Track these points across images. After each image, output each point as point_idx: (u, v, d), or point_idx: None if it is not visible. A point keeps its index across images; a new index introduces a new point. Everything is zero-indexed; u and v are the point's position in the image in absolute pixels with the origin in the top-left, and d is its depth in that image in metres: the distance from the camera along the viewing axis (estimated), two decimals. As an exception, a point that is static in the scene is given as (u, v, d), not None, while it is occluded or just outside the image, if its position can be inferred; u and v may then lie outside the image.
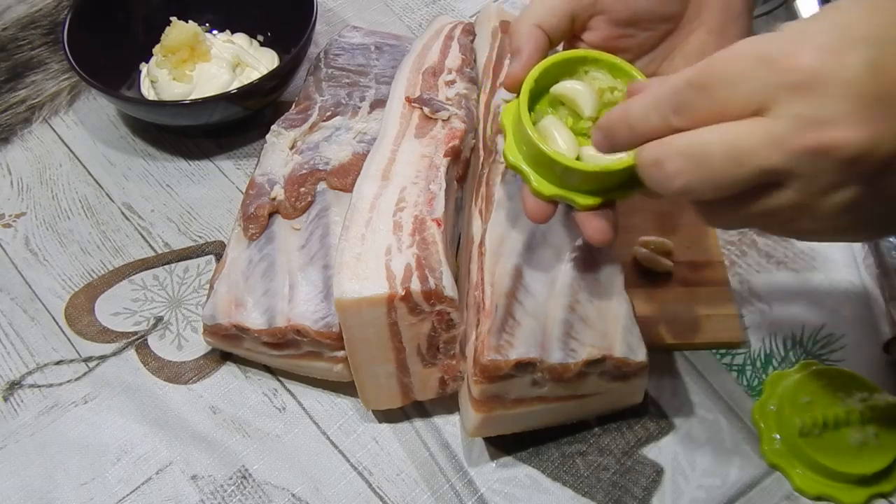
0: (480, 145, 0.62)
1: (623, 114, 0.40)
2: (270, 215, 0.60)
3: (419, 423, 0.58)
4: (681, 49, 0.52)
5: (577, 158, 0.46)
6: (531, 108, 0.47)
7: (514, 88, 0.48)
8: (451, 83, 0.65)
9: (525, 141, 0.46)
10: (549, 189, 0.46)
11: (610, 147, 0.42)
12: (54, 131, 0.75)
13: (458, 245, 0.60)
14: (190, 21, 0.74)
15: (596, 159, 0.45)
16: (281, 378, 0.60)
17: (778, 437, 0.55)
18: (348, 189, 0.59)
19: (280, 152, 0.64)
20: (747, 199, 0.37)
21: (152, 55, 0.74)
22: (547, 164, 0.45)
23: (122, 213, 0.69)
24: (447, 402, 0.57)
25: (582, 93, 0.47)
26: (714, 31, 0.51)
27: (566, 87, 0.48)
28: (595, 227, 0.46)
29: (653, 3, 0.50)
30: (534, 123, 0.46)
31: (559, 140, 0.46)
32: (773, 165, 0.35)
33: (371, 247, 0.54)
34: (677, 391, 0.59)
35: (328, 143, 0.63)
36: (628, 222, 0.63)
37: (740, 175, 0.35)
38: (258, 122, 0.73)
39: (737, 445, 0.56)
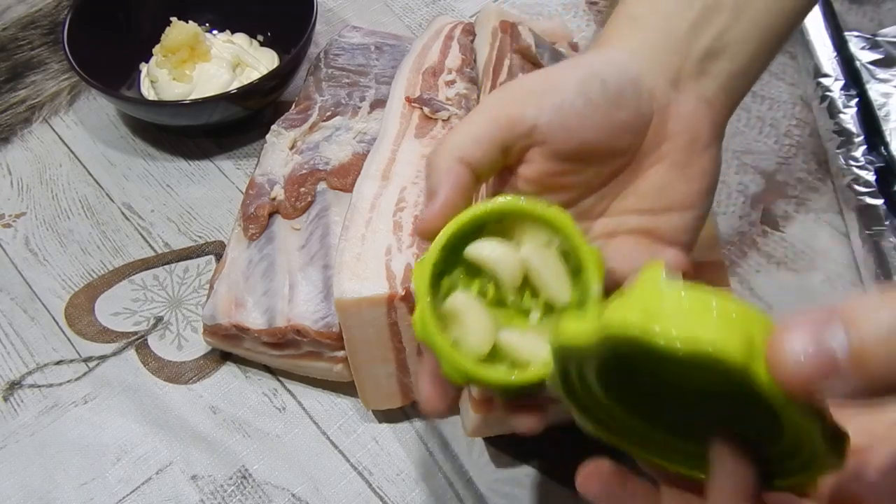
0: (480, 145, 0.62)
1: None
2: (270, 215, 0.60)
3: (419, 423, 0.58)
4: (635, 187, 0.43)
5: (494, 346, 0.38)
6: (447, 271, 0.39)
7: (429, 237, 0.39)
8: (451, 83, 0.65)
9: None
10: (462, 373, 0.37)
11: None
12: (54, 131, 0.75)
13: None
14: (190, 21, 0.74)
15: (518, 346, 0.38)
16: (281, 378, 0.60)
17: None
18: (348, 189, 0.59)
19: (280, 152, 0.64)
20: None
21: (152, 55, 0.74)
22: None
23: (122, 213, 0.69)
24: (447, 402, 0.57)
25: (500, 260, 0.38)
26: (677, 165, 0.42)
27: (480, 252, 0.38)
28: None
29: (602, 135, 0.41)
30: (448, 293, 0.38)
31: (470, 327, 0.38)
32: None
33: (371, 247, 0.54)
34: (677, 391, 0.58)
35: (328, 143, 0.63)
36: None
37: None
38: (258, 122, 0.73)
39: (737, 445, 0.56)
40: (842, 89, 0.69)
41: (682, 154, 0.42)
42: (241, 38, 0.77)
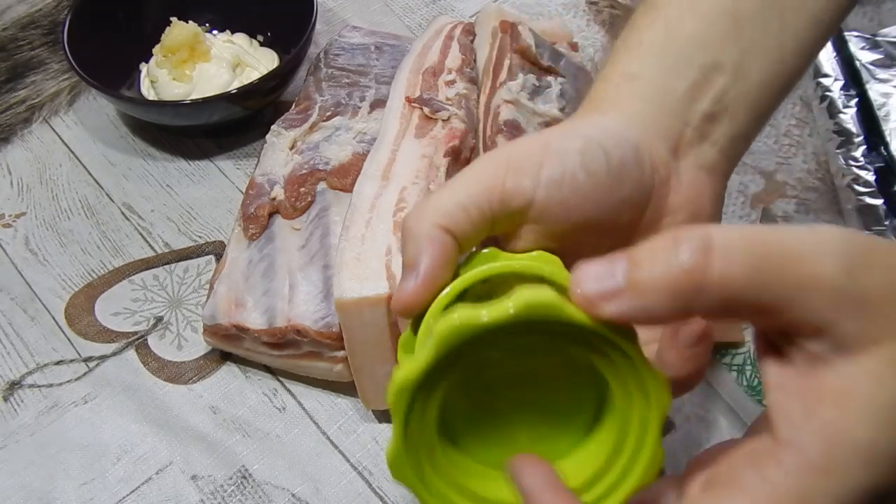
0: (480, 145, 0.62)
1: None
2: (270, 215, 0.60)
3: (419, 423, 0.58)
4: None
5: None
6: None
7: (409, 315, 0.36)
8: (451, 83, 0.65)
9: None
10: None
11: None
12: (54, 131, 0.75)
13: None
14: (190, 21, 0.74)
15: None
16: (281, 378, 0.60)
17: None
18: (348, 189, 0.59)
19: (280, 152, 0.64)
20: None
21: (152, 55, 0.74)
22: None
23: (122, 213, 0.69)
24: (447, 402, 0.57)
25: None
26: None
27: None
28: None
29: (603, 212, 0.38)
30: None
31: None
32: None
33: (371, 247, 0.54)
34: (677, 391, 0.58)
35: (328, 143, 0.63)
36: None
37: None
38: (258, 122, 0.73)
39: (737, 445, 0.56)
40: (842, 89, 0.69)
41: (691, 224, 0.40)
42: (241, 38, 0.77)
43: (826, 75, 0.70)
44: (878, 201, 0.63)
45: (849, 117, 0.68)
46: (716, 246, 0.28)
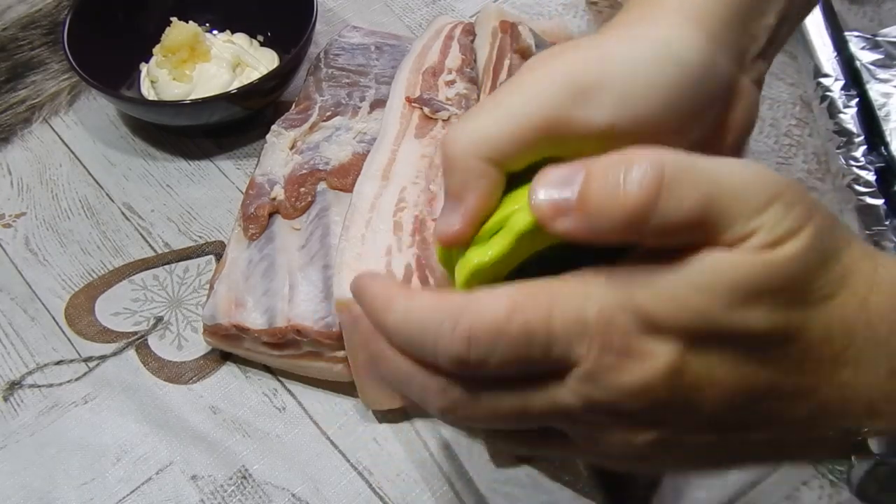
0: (480, 145, 0.62)
1: None
2: (270, 215, 0.60)
3: (419, 423, 0.58)
4: None
5: None
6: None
7: (456, 245, 0.34)
8: (451, 83, 0.65)
9: None
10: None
11: None
12: (54, 131, 0.75)
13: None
14: (190, 21, 0.74)
15: None
16: (281, 378, 0.60)
17: None
18: (348, 189, 0.59)
19: (280, 152, 0.64)
20: None
21: (152, 55, 0.74)
22: None
23: (122, 213, 0.69)
24: (447, 402, 0.57)
25: None
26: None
27: None
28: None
29: (672, 130, 0.34)
30: None
31: None
32: None
33: (371, 247, 0.54)
34: (677, 391, 0.58)
35: (328, 143, 0.63)
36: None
37: None
38: (258, 122, 0.73)
39: (737, 445, 0.56)
40: (842, 89, 0.69)
41: (737, 145, 0.38)
42: (241, 38, 0.77)
43: (826, 75, 0.70)
44: (879, 201, 0.63)
45: (849, 117, 0.68)
46: (667, 177, 0.27)
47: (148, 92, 0.74)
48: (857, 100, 0.68)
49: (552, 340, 0.28)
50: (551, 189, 0.29)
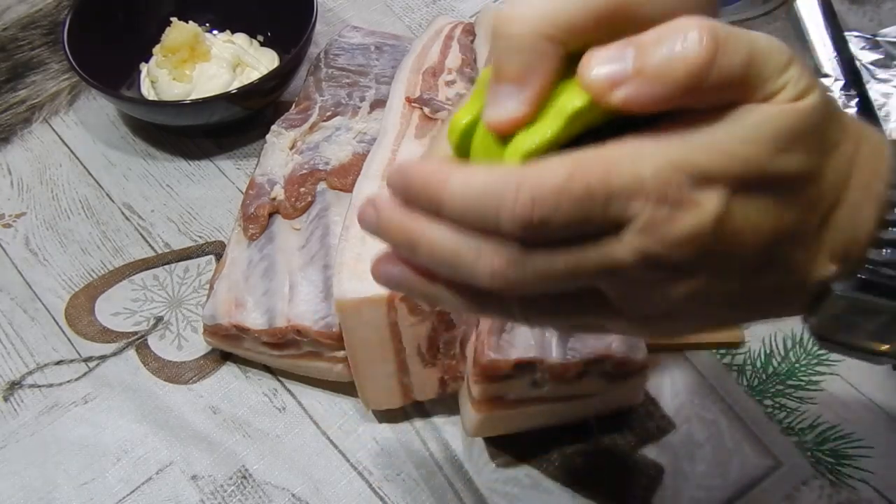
0: (480, 145, 0.62)
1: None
2: (270, 215, 0.60)
3: (419, 423, 0.58)
4: None
5: None
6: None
7: (502, 133, 0.32)
8: (451, 83, 0.65)
9: None
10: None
11: None
12: (54, 131, 0.75)
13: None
14: (190, 21, 0.74)
15: None
16: (281, 378, 0.60)
17: None
18: (348, 189, 0.59)
19: (280, 152, 0.64)
20: None
21: (152, 55, 0.74)
22: None
23: (122, 213, 0.69)
24: (447, 402, 0.57)
25: None
26: None
27: None
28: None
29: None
30: None
31: None
32: None
33: (371, 247, 0.53)
34: (677, 391, 0.58)
35: (328, 143, 0.63)
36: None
37: None
38: (258, 122, 0.73)
39: (737, 445, 0.56)
40: (842, 89, 0.69)
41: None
42: (241, 38, 0.77)
43: (826, 75, 0.70)
44: None
45: (849, 117, 0.68)
46: (720, 38, 0.29)
47: (148, 92, 0.74)
48: (857, 100, 0.68)
49: (611, 198, 0.29)
50: (604, 64, 0.30)
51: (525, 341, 0.50)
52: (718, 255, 0.31)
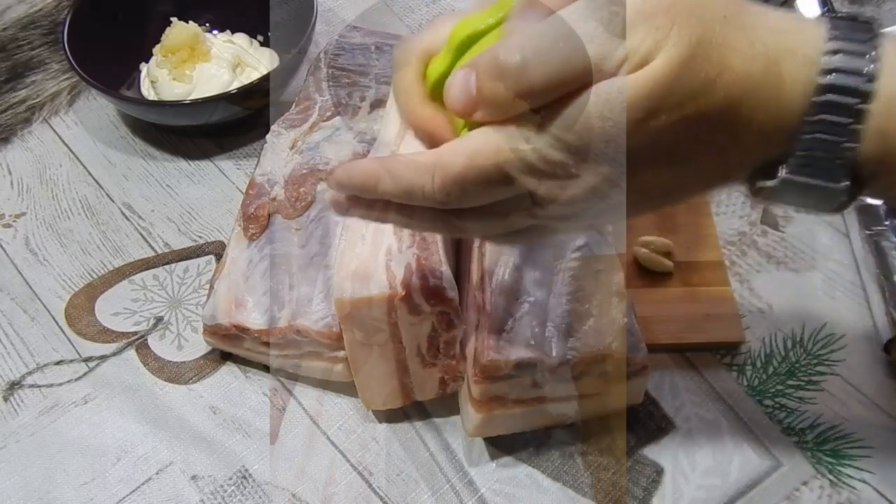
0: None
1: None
2: (270, 215, 0.60)
3: (419, 423, 0.58)
4: None
5: None
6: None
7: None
8: (451, 83, 0.65)
9: None
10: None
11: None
12: (54, 131, 0.75)
13: (458, 245, 0.60)
14: (190, 21, 0.74)
15: None
16: (281, 378, 0.60)
17: None
18: (348, 189, 0.59)
19: (280, 152, 0.64)
20: None
21: (152, 55, 0.74)
22: None
23: (122, 213, 0.69)
24: (447, 402, 0.57)
25: None
26: None
27: None
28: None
29: None
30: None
31: None
32: None
33: (371, 247, 0.54)
34: (677, 391, 0.59)
35: (328, 143, 0.63)
36: (629, 222, 0.63)
37: None
38: (258, 122, 0.73)
39: (737, 445, 0.56)
40: (842, 89, 0.69)
41: None
42: (241, 38, 0.77)
43: (826, 75, 0.70)
44: (879, 201, 0.63)
45: (849, 117, 0.67)
46: (527, 55, 0.34)
47: (148, 92, 0.74)
48: (856, 100, 0.68)
49: (505, 176, 0.37)
50: (456, 89, 0.37)
51: (525, 341, 0.50)
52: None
